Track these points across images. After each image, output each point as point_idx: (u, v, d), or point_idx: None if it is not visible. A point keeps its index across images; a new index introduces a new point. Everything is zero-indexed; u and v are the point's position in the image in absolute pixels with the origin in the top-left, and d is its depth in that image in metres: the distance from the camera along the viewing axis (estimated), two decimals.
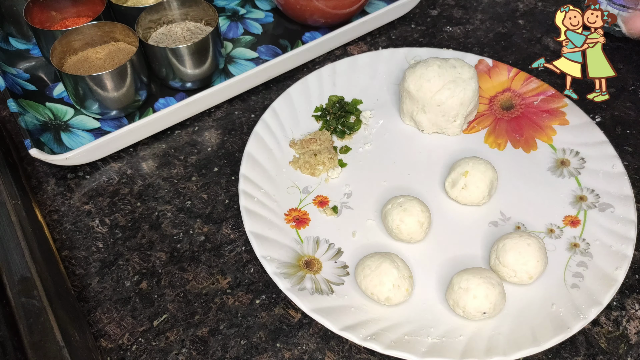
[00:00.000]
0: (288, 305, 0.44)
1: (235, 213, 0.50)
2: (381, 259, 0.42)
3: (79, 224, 0.50)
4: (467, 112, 0.52)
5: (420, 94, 0.52)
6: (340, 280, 0.45)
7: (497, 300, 0.41)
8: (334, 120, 0.55)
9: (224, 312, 0.44)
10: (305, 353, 0.42)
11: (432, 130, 0.54)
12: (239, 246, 0.48)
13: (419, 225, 0.45)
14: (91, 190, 0.52)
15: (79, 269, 0.47)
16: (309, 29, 0.66)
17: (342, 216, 0.49)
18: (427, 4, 0.70)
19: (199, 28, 0.60)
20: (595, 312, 0.41)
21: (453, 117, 0.52)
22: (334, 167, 0.52)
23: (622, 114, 0.58)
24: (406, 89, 0.53)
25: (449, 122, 0.53)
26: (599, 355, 0.41)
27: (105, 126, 0.56)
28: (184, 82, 0.58)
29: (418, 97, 0.52)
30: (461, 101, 0.51)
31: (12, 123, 0.58)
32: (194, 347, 0.42)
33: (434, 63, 0.52)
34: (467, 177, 0.47)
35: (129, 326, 0.43)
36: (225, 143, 0.56)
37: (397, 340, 0.40)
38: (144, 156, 0.55)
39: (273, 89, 0.60)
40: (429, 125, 0.53)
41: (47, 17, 0.60)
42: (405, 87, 0.53)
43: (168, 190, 0.52)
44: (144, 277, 0.46)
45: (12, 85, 0.58)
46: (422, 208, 0.45)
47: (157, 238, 0.48)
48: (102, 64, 0.56)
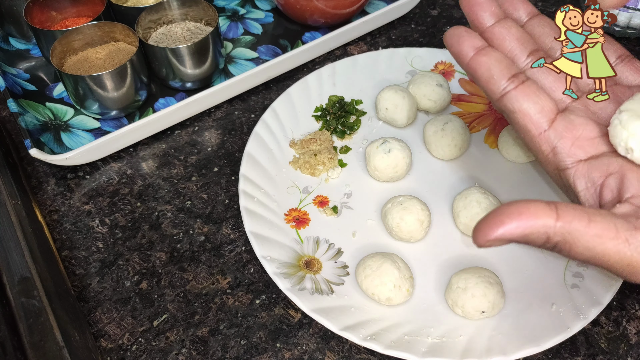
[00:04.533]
0: (288, 305, 0.44)
1: (235, 213, 0.50)
2: (382, 259, 0.42)
3: (79, 224, 0.50)
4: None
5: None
6: (341, 280, 0.45)
7: (495, 299, 0.41)
8: (334, 120, 0.55)
9: (224, 312, 0.44)
10: (305, 353, 0.42)
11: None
12: (239, 246, 0.48)
13: (419, 223, 0.45)
14: (91, 190, 0.52)
15: (79, 269, 0.47)
16: (309, 29, 0.66)
17: (342, 216, 0.49)
18: (427, 4, 0.70)
19: (199, 28, 0.60)
20: (596, 312, 0.41)
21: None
22: (334, 167, 0.52)
23: None
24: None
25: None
26: (599, 355, 0.41)
27: (105, 126, 0.56)
28: (184, 82, 0.58)
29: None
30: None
31: (12, 123, 0.58)
32: (194, 347, 0.42)
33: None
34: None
35: (129, 326, 0.43)
36: (225, 143, 0.56)
37: (397, 340, 0.40)
38: (144, 156, 0.55)
39: (273, 89, 0.60)
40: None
41: (47, 17, 0.60)
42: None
43: (168, 190, 0.52)
44: (144, 277, 0.46)
45: (12, 85, 0.58)
46: (422, 207, 0.46)
47: (157, 238, 0.48)
48: (102, 64, 0.56)
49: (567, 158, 0.32)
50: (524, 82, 0.33)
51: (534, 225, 0.26)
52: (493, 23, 0.35)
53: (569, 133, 0.32)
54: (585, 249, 0.26)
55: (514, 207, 0.26)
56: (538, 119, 0.32)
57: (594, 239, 0.26)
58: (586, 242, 0.26)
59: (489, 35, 0.35)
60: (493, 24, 0.35)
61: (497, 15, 0.35)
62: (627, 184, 0.29)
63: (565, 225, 0.26)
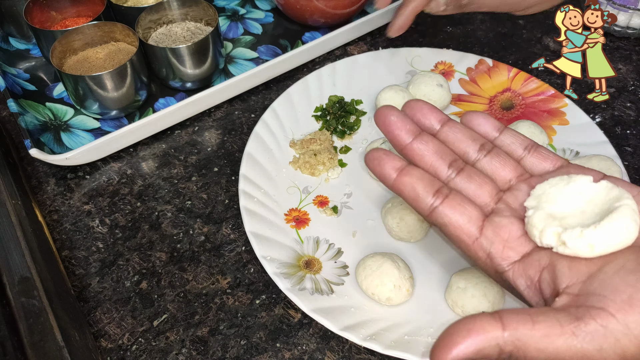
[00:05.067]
0: (288, 305, 0.44)
1: (235, 213, 0.50)
2: (382, 259, 0.42)
3: (79, 224, 0.50)
4: None
5: None
6: (341, 280, 0.45)
7: (495, 299, 0.41)
8: (334, 120, 0.55)
9: (224, 312, 0.44)
10: (305, 353, 0.42)
11: None
12: (239, 246, 0.48)
13: (419, 223, 0.45)
14: (91, 190, 0.52)
15: (78, 269, 0.47)
16: (309, 29, 0.66)
17: (342, 216, 0.49)
18: None
19: (199, 28, 0.60)
20: None
21: None
22: (334, 167, 0.52)
23: (622, 114, 0.58)
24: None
25: None
26: None
27: (105, 126, 0.56)
28: (184, 82, 0.58)
29: None
30: None
31: (12, 123, 0.58)
32: (194, 347, 0.42)
33: None
34: None
35: (129, 326, 0.43)
36: (225, 143, 0.56)
37: (397, 341, 0.40)
38: (144, 156, 0.55)
39: (273, 89, 0.60)
40: None
41: (47, 17, 0.60)
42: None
43: (168, 190, 0.52)
44: (144, 277, 0.46)
45: (12, 85, 0.58)
46: None
47: (157, 238, 0.48)
48: (102, 64, 0.56)
49: (503, 262, 0.32)
50: (448, 195, 0.34)
51: (484, 340, 0.27)
52: (411, 140, 0.36)
53: (498, 237, 0.33)
54: (538, 352, 0.27)
55: (462, 325, 0.27)
56: (468, 229, 0.33)
57: (543, 340, 0.26)
58: (536, 345, 0.26)
59: (408, 152, 0.36)
60: (411, 141, 0.36)
61: (414, 132, 0.36)
62: (558, 274, 0.30)
63: (513, 333, 0.27)
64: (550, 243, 0.31)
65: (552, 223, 0.31)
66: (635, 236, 0.30)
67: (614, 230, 0.29)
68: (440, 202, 0.33)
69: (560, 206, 0.32)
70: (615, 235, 0.29)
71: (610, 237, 0.29)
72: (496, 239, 0.33)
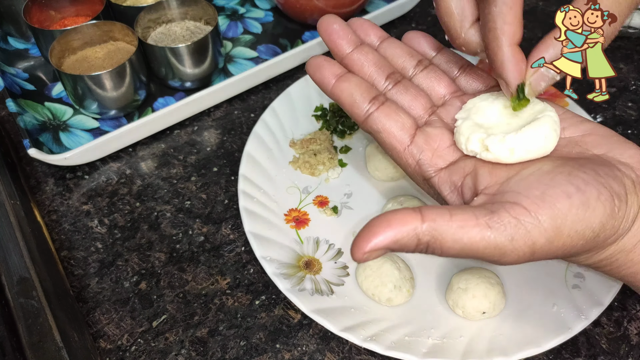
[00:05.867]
0: (288, 306, 0.44)
1: (235, 213, 0.50)
2: (383, 259, 0.42)
3: (77, 224, 0.49)
4: None
5: None
6: (341, 280, 0.44)
7: (496, 300, 0.41)
8: (334, 120, 0.55)
9: (223, 312, 0.44)
10: (305, 354, 0.42)
11: None
12: (239, 246, 0.48)
13: None
14: (90, 190, 0.52)
15: (77, 270, 0.46)
16: (309, 28, 0.66)
17: (342, 216, 0.49)
18: (427, 3, 0.70)
19: (199, 27, 0.60)
20: (597, 313, 0.41)
21: None
22: (334, 167, 0.52)
23: (623, 114, 0.57)
24: None
25: None
26: (600, 356, 0.41)
27: (104, 126, 0.56)
28: (184, 82, 0.58)
29: None
30: None
31: (10, 123, 0.58)
32: (194, 348, 0.42)
33: None
34: None
35: (128, 327, 0.43)
36: (225, 143, 0.55)
37: (397, 341, 0.40)
38: (143, 156, 0.54)
39: (273, 89, 0.60)
40: None
41: (46, 16, 0.60)
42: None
43: (167, 191, 0.52)
44: (143, 277, 0.46)
45: (11, 84, 0.58)
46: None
47: (156, 238, 0.48)
48: (101, 64, 0.56)
49: (430, 168, 0.34)
50: (384, 103, 0.35)
51: (403, 230, 0.28)
52: (351, 50, 0.38)
53: (428, 145, 0.35)
54: (453, 242, 0.28)
55: (383, 218, 0.28)
56: (401, 136, 0.35)
57: (458, 230, 0.28)
58: (452, 235, 0.28)
59: (348, 62, 0.38)
60: (351, 51, 0.38)
61: (354, 43, 0.38)
62: (479, 179, 0.32)
63: (431, 224, 0.28)
64: (474, 149, 0.33)
65: (478, 131, 0.33)
66: (554, 144, 0.32)
67: (533, 136, 0.31)
68: (376, 109, 0.35)
69: (488, 117, 0.34)
70: (534, 141, 0.31)
71: (530, 143, 0.31)
72: (426, 147, 0.35)
